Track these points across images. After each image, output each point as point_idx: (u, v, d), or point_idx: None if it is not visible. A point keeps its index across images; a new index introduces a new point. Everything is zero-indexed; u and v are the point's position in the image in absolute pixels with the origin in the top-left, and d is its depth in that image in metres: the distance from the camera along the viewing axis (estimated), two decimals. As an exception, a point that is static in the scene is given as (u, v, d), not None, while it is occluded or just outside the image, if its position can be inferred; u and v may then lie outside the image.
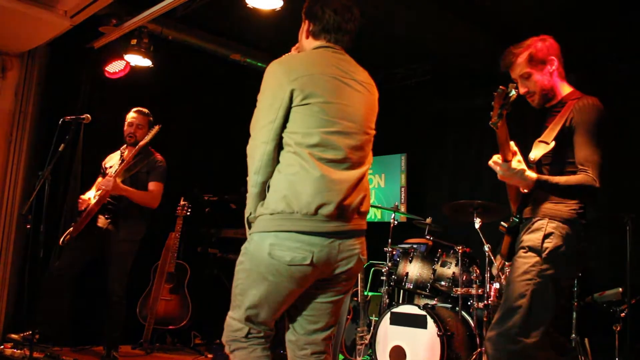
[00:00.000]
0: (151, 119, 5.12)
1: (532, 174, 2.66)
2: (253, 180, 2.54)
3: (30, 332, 4.60)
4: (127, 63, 5.71)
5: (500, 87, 2.47)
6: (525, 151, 2.81)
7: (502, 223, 3.00)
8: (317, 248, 2.41)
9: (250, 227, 2.57)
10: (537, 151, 2.83)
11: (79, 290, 5.19)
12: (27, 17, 4.66)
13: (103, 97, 5.84)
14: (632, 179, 5.35)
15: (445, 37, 5.84)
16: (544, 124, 2.94)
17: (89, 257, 4.92)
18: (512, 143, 2.66)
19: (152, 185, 4.98)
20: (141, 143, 4.85)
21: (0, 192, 5.38)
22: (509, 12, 5.36)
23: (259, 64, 6.53)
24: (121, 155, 5.07)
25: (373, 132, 2.72)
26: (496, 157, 2.69)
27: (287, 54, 2.84)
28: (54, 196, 5.21)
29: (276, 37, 6.00)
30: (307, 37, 2.83)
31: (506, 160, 2.64)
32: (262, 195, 2.53)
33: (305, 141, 2.47)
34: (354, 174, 2.53)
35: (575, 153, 2.75)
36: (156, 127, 4.86)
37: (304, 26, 2.84)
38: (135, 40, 5.54)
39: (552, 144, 2.78)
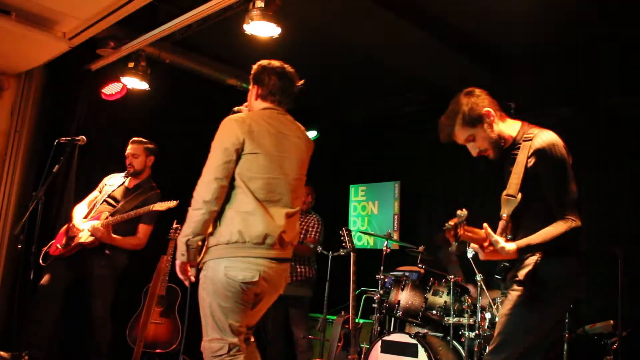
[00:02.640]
0: (149, 146, 5.14)
1: (511, 246, 2.65)
2: (206, 209, 3.00)
3: (19, 353, 4.56)
4: (124, 85, 5.73)
5: (449, 223, 2.51)
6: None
7: (496, 276, 2.95)
8: (263, 269, 3.05)
9: (189, 250, 3.07)
10: (508, 207, 2.79)
11: (68, 311, 5.15)
12: (25, 39, 4.70)
13: (99, 119, 5.86)
14: (624, 212, 5.38)
15: (440, 66, 5.90)
16: (507, 169, 2.90)
17: (72, 277, 4.91)
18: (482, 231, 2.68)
19: (141, 229, 5.01)
20: (153, 208, 4.86)
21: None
22: (504, 44, 5.43)
23: (255, 90, 6.56)
24: (123, 183, 5.09)
25: (304, 177, 3.39)
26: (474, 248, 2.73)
27: (239, 113, 3.36)
28: (47, 217, 5.20)
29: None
30: (256, 99, 3.40)
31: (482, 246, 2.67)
32: (211, 222, 3.07)
33: (253, 184, 3.09)
34: (290, 212, 3.18)
35: (547, 198, 2.72)
36: (174, 203, 4.86)
37: (253, 90, 3.40)
38: (133, 63, 5.57)
39: (519, 196, 2.74)
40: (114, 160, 5.17)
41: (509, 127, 2.93)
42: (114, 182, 5.12)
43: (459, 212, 2.50)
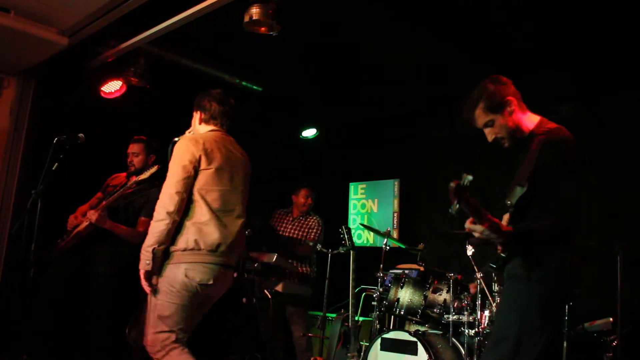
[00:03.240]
0: (149, 144, 5.12)
1: (507, 230, 2.69)
2: (169, 220, 3.31)
3: (19, 352, 4.56)
4: (124, 83, 5.72)
5: (453, 182, 2.51)
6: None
7: (490, 264, 2.98)
8: (216, 273, 3.43)
9: (154, 259, 3.33)
10: (514, 195, 2.82)
11: (68, 310, 5.15)
12: (24, 36, 4.69)
13: (98, 117, 5.84)
14: (623, 209, 5.38)
15: (442, 65, 5.89)
16: (520, 159, 2.94)
17: (73, 275, 4.89)
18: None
19: (141, 221, 4.94)
20: (138, 178, 4.83)
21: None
22: (506, 42, 5.42)
23: (255, 87, 6.57)
24: (125, 182, 5.08)
25: (248, 190, 3.81)
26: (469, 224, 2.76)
27: (191, 135, 3.74)
28: (46, 215, 5.19)
29: (272, 61, 6.06)
30: (199, 123, 3.83)
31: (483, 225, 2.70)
32: (172, 232, 3.35)
33: (210, 195, 3.46)
34: (238, 221, 3.58)
35: (547, 191, 2.75)
36: (155, 167, 4.84)
37: (197, 115, 3.84)
38: (132, 61, 5.56)
39: (526, 186, 2.78)
40: (113, 158, 5.15)
41: (528, 120, 2.98)
42: (117, 183, 5.10)
43: (464, 174, 2.51)
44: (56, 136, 4.52)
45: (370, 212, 7.99)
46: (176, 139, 3.72)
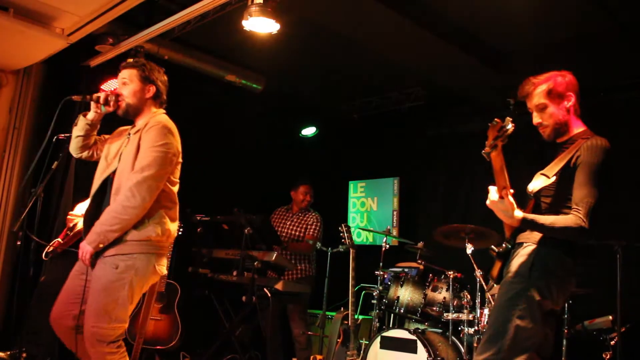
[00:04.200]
0: None
1: (518, 213, 2.68)
2: (142, 210, 3.19)
3: (17, 350, 4.55)
4: (123, 82, 5.71)
5: (496, 119, 2.50)
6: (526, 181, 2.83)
7: (492, 247, 3.02)
8: (166, 264, 3.42)
9: (106, 243, 3.18)
10: (537, 183, 2.86)
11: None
12: (23, 35, 4.69)
13: (98, 116, 5.83)
14: (622, 207, 5.37)
15: (440, 63, 5.89)
16: (553, 159, 2.96)
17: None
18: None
19: None
20: None
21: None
22: (502, 41, 5.43)
23: (254, 85, 6.57)
24: None
25: None
26: (494, 189, 2.72)
27: (169, 120, 3.50)
28: (46, 213, 5.19)
29: (272, 59, 6.06)
30: (153, 101, 3.59)
31: (502, 197, 2.66)
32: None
33: (175, 188, 3.44)
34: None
35: (573, 191, 2.77)
36: None
37: (151, 88, 3.57)
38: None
39: (553, 178, 2.81)
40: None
41: (576, 124, 3.00)
42: None
43: (507, 118, 2.51)
44: (56, 134, 4.52)
45: (369, 210, 7.99)
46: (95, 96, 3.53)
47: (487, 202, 2.75)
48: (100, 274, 3.21)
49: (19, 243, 4.43)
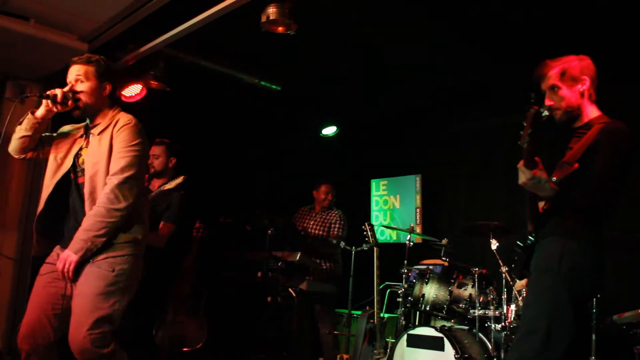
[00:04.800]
0: (170, 147, 5.16)
1: (552, 185, 2.67)
2: (126, 212, 3.13)
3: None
4: (144, 87, 5.76)
5: (534, 107, 2.49)
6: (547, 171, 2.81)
7: (517, 242, 3.00)
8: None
9: (92, 250, 3.07)
10: (559, 173, 2.83)
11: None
12: (45, 44, 4.73)
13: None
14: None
15: (460, 59, 5.86)
16: (567, 145, 2.94)
17: None
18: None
19: (162, 225, 5.00)
20: (164, 188, 4.86)
21: (20, 214, 5.43)
22: (525, 35, 5.37)
23: (274, 87, 6.58)
24: (147, 184, 5.12)
25: None
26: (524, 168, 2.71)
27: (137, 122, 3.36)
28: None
29: (290, 59, 6.06)
30: (109, 100, 3.42)
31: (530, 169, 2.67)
32: None
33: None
34: None
35: (592, 174, 2.75)
36: (181, 178, 4.87)
37: (107, 86, 3.39)
38: (152, 64, 5.59)
39: (575, 165, 2.78)
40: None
41: (590, 109, 2.97)
42: None
43: (546, 103, 2.51)
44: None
45: (392, 208, 7.97)
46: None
47: (520, 181, 2.73)
48: (93, 278, 3.09)
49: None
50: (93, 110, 3.38)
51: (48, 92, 3.29)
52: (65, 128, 3.56)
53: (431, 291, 5.12)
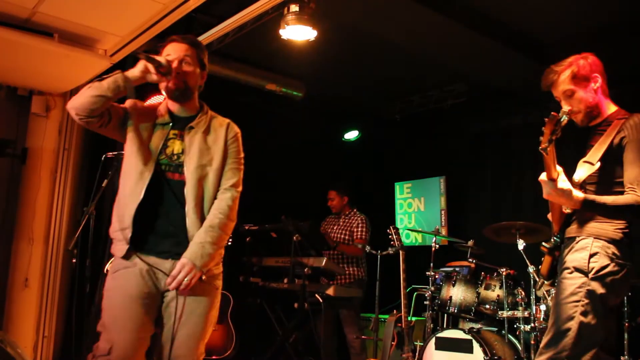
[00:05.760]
0: None
1: (579, 194, 2.65)
2: (233, 228, 2.98)
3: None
4: (165, 97, 5.80)
5: (552, 112, 2.47)
6: (569, 171, 2.78)
7: (543, 243, 2.97)
8: None
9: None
10: (582, 172, 2.81)
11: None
12: (68, 59, 4.81)
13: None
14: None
15: (480, 58, 5.83)
16: (588, 143, 2.90)
17: None
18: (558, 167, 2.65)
19: None
20: None
21: (46, 228, 5.50)
22: (543, 32, 5.34)
23: (295, 93, 6.60)
24: None
25: None
26: (543, 175, 2.68)
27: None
28: (99, 231, 5.30)
29: (311, 65, 6.08)
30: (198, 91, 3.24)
31: (552, 179, 2.63)
32: None
33: None
34: None
35: (624, 171, 2.71)
36: None
37: (205, 76, 3.29)
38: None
39: (598, 164, 2.75)
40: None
41: (606, 105, 2.94)
42: None
43: (562, 110, 2.48)
44: (104, 153, 4.62)
45: (417, 211, 7.94)
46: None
47: (544, 194, 2.71)
48: (203, 297, 2.85)
49: (74, 261, 4.53)
50: (189, 98, 3.12)
51: (156, 57, 2.90)
52: (145, 104, 3.23)
53: (458, 293, 5.09)
